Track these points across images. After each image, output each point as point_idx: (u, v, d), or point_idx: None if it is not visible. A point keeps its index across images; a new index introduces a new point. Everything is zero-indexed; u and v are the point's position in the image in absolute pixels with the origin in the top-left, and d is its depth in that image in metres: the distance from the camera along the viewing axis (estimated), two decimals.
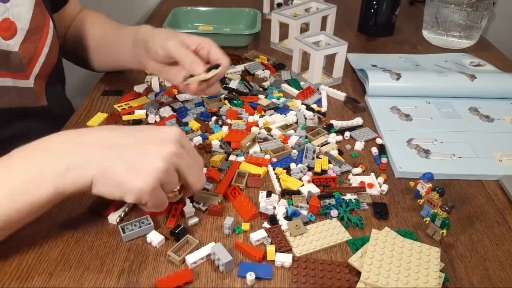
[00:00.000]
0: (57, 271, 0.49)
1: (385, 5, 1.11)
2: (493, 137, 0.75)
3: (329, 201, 0.60)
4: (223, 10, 1.17)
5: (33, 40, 0.69)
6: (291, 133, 0.73)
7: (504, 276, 0.51)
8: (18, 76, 0.65)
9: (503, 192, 0.63)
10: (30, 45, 0.68)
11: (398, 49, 1.09)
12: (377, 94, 0.85)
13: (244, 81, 0.88)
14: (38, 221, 0.51)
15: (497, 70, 0.97)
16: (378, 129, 0.76)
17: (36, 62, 0.69)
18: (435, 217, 0.54)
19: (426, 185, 0.59)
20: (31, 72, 0.68)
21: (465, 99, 0.85)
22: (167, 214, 0.57)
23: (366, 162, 0.68)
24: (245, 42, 1.06)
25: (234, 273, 0.50)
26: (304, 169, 0.65)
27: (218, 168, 0.65)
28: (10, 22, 0.65)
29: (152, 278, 0.49)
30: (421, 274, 0.47)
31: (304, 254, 0.52)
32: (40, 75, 0.70)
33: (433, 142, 0.73)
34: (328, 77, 0.92)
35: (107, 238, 0.54)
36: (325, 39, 0.91)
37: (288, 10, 1.03)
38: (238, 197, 0.59)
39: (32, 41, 0.69)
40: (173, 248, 0.52)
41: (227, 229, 0.55)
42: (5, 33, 0.64)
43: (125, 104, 0.80)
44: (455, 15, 1.06)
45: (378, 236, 0.51)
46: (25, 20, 0.67)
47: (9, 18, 0.65)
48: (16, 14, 0.66)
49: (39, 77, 0.70)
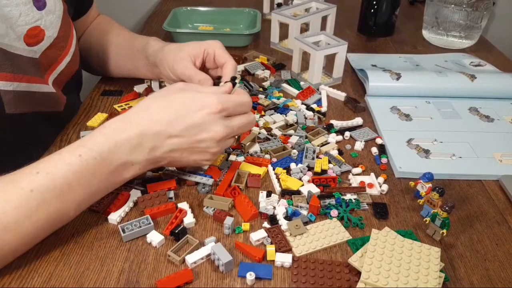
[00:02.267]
0: (57, 271, 0.49)
1: (385, 5, 1.10)
2: (493, 137, 0.75)
3: (329, 201, 0.60)
4: (223, 10, 1.17)
5: (58, 48, 0.68)
6: (291, 133, 0.73)
7: (504, 276, 0.51)
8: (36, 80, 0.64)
9: (503, 192, 0.63)
10: (53, 52, 0.68)
11: (398, 49, 1.09)
12: (377, 94, 0.85)
13: (244, 81, 0.88)
14: None
15: (497, 70, 0.97)
16: (378, 129, 0.76)
17: (55, 69, 0.69)
18: (435, 217, 0.54)
19: (426, 185, 0.59)
20: (48, 77, 0.68)
21: (465, 99, 0.85)
22: (167, 217, 0.57)
23: (366, 162, 0.68)
24: (245, 42, 1.06)
25: (234, 273, 0.50)
26: (304, 169, 0.65)
27: (218, 168, 0.65)
28: (40, 30, 0.64)
29: (152, 278, 0.49)
30: (421, 274, 0.47)
31: (304, 254, 0.52)
32: (57, 81, 0.69)
33: (433, 142, 0.73)
34: (328, 77, 0.92)
35: (107, 238, 0.54)
36: (325, 39, 0.91)
37: (288, 10, 1.03)
38: (238, 197, 0.59)
39: (57, 48, 0.68)
40: (173, 248, 0.52)
41: (227, 229, 0.55)
42: (31, 40, 0.63)
43: (125, 104, 0.80)
44: (455, 15, 1.06)
45: (378, 236, 0.51)
46: (55, 28, 0.66)
47: (40, 26, 0.64)
48: (48, 22, 0.65)
49: (56, 83, 0.70)
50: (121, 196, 0.58)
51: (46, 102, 0.66)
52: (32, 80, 0.62)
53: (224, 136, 0.55)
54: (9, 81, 0.58)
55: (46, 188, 0.48)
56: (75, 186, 0.50)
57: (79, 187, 0.50)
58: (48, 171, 0.49)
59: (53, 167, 0.50)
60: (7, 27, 0.58)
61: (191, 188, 0.62)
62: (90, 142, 0.52)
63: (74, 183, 0.50)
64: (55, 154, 0.51)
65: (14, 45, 0.59)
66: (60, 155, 0.51)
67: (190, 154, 0.56)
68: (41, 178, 0.49)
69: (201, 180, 0.62)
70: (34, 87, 0.63)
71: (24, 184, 0.48)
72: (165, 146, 0.54)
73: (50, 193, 0.48)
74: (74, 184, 0.50)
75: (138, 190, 0.60)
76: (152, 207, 0.57)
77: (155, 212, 0.56)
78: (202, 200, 0.59)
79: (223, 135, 0.55)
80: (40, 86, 0.64)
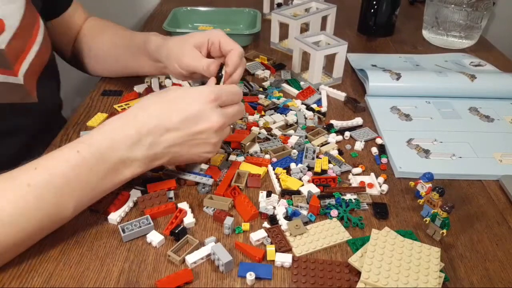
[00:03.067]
0: (57, 271, 0.49)
1: (385, 5, 1.10)
2: (493, 137, 0.75)
3: (329, 201, 0.59)
4: (223, 10, 1.17)
5: (22, 38, 0.68)
6: (291, 133, 0.73)
7: (504, 276, 0.51)
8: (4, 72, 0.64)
9: (503, 192, 0.63)
10: (18, 43, 0.67)
11: (398, 49, 1.09)
12: (377, 94, 0.85)
13: (244, 81, 0.88)
14: None
15: (497, 70, 0.97)
16: (378, 129, 0.76)
17: (23, 59, 0.68)
18: (435, 217, 0.54)
19: (426, 185, 0.59)
20: (19, 69, 0.67)
21: (465, 99, 0.85)
22: (167, 217, 0.57)
23: (366, 162, 0.68)
24: (245, 42, 1.06)
25: (234, 273, 0.50)
26: (304, 169, 0.65)
27: (218, 168, 0.65)
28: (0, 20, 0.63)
29: (152, 278, 0.49)
30: (421, 274, 0.47)
31: (304, 254, 0.52)
32: (29, 72, 0.69)
33: (433, 142, 0.73)
34: (328, 77, 0.92)
35: (107, 238, 0.54)
36: (325, 39, 0.91)
37: (288, 10, 1.03)
38: (238, 197, 0.59)
39: (21, 38, 0.68)
40: (173, 248, 0.52)
41: (227, 229, 0.55)
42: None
43: (125, 104, 0.80)
44: (455, 15, 1.06)
45: (378, 236, 0.51)
46: (16, 18, 0.66)
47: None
48: (8, 11, 0.64)
49: (29, 74, 0.69)
50: (121, 196, 0.58)
51: (14, 93, 0.66)
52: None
53: (221, 125, 0.56)
54: None
55: (43, 183, 0.48)
56: (73, 182, 0.50)
57: (77, 184, 0.50)
58: (46, 166, 0.50)
59: (51, 163, 0.50)
60: None
61: (191, 188, 0.62)
62: (88, 139, 0.53)
63: (72, 178, 0.50)
64: (55, 151, 0.52)
65: None
66: (59, 151, 0.52)
67: (190, 148, 0.56)
68: (39, 173, 0.49)
69: (201, 180, 0.62)
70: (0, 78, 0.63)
71: (21, 179, 0.48)
72: (164, 141, 0.54)
73: (48, 188, 0.48)
74: (72, 179, 0.50)
75: (138, 190, 0.60)
76: (152, 207, 0.57)
77: (155, 212, 0.56)
78: (202, 200, 0.59)
79: (220, 124, 0.55)
80: (5, 77, 0.64)
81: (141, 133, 0.53)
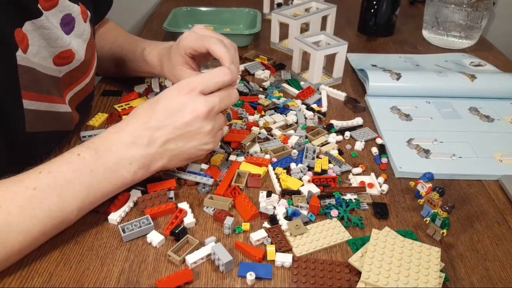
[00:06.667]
0: (57, 271, 0.49)
1: (385, 5, 1.10)
2: (493, 137, 0.75)
3: (329, 201, 0.60)
4: (223, 10, 1.17)
5: (82, 70, 0.69)
6: (291, 133, 0.73)
7: (504, 276, 0.51)
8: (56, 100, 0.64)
9: (503, 192, 0.63)
10: (76, 74, 0.68)
11: (398, 49, 1.09)
12: (377, 94, 0.85)
13: (244, 81, 0.88)
14: None
15: (497, 70, 0.97)
16: (378, 129, 0.76)
17: (73, 88, 0.69)
18: (435, 217, 0.54)
19: (426, 185, 0.59)
20: (66, 96, 0.68)
21: (465, 99, 0.85)
22: (167, 217, 0.57)
23: (366, 162, 0.68)
24: (245, 42, 1.06)
25: (234, 273, 0.50)
26: (304, 169, 0.65)
27: (218, 168, 0.65)
28: (71, 53, 0.64)
29: (152, 278, 0.49)
30: (421, 274, 0.47)
31: (304, 254, 0.52)
32: (72, 100, 0.70)
33: (433, 142, 0.73)
34: (328, 77, 0.92)
35: (107, 238, 0.54)
36: (325, 39, 0.91)
37: (288, 10, 1.03)
38: (238, 197, 0.59)
39: (81, 71, 0.69)
40: (173, 248, 0.52)
41: (227, 229, 0.55)
42: (61, 61, 0.63)
43: (125, 104, 0.80)
44: (455, 15, 1.06)
45: (378, 236, 0.51)
46: (82, 51, 0.67)
47: (72, 49, 0.64)
48: (76, 45, 0.65)
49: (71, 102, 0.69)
50: (121, 196, 0.58)
51: (63, 121, 0.67)
52: (53, 100, 0.63)
53: (208, 112, 0.55)
54: (34, 100, 0.59)
55: (47, 186, 0.50)
56: (75, 184, 0.51)
57: (79, 185, 0.51)
58: (50, 170, 0.51)
59: (54, 166, 0.52)
60: (39, 47, 0.58)
61: (191, 188, 0.62)
62: (88, 142, 0.55)
63: (74, 180, 0.51)
64: (58, 156, 0.54)
65: (42, 64, 0.60)
66: (61, 156, 0.54)
67: (185, 142, 0.56)
68: (43, 177, 0.50)
69: (201, 180, 0.62)
70: (54, 107, 0.63)
71: (27, 183, 0.49)
72: (157, 139, 0.55)
73: (51, 190, 0.50)
74: (74, 181, 0.51)
75: (138, 190, 0.60)
76: (152, 207, 0.57)
77: (155, 212, 0.57)
78: (202, 200, 0.59)
79: (205, 111, 0.55)
80: (60, 106, 0.65)
81: (134, 136, 0.55)
